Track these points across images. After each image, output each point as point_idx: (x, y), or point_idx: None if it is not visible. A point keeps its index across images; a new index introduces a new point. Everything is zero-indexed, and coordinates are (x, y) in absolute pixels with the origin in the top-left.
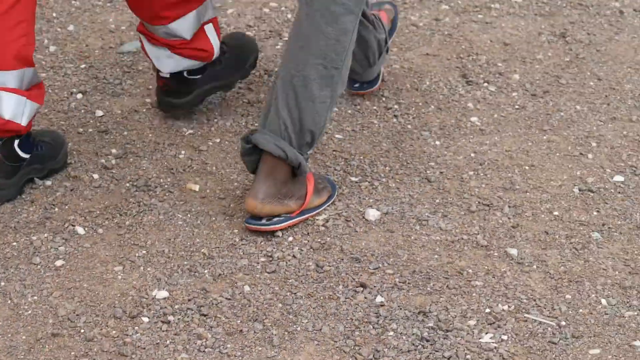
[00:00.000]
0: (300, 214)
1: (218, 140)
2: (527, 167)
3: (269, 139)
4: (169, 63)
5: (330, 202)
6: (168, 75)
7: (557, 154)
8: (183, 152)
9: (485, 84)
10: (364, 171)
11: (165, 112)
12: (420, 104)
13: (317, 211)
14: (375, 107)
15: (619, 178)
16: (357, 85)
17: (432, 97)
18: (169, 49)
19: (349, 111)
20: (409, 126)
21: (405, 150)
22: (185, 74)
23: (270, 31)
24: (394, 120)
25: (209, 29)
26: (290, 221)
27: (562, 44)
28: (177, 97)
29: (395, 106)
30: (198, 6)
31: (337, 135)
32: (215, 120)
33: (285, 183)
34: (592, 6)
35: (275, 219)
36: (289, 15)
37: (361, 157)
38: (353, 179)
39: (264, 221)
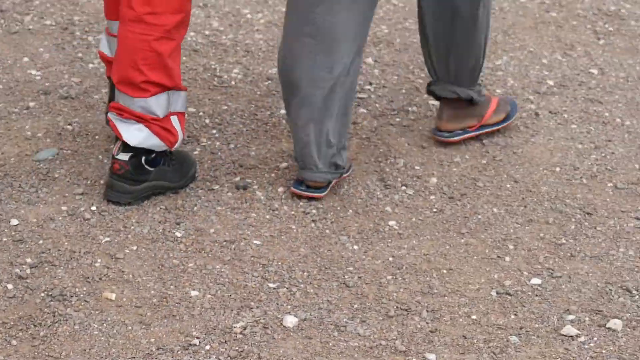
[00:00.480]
0: (478, 128)
1: (135, 247)
2: (445, 271)
3: (441, 85)
4: (138, 135)
5: (508, 122)
6: (127, 158)
7: (475, 257)
8: (99, 260)
9: (403, 188)
10: (282, 277)
11: (110, 200)
12: (338, 208)
13: (497, 127)
14: (293, 212)
15: (536, 281)
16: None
17: (351, 201)
18: (142, 122)
19: (267, 216)
20: (327, 231)
21: (324, 255)
22: (143, 160)
23: (189, 137)
24: (312, 225)
25: (174, 119)
26: (468, 134)
27: (478, 146)
28: (129, 183)
29: (314, 211)
30: (172, 87)
31: (254, 241)
32: (132, 227)
33: (463, 109)
34: None
35: (455, 132)
36: (207, 121)
37: (279, 263)
38: (271, 285)
39: (445, 134)
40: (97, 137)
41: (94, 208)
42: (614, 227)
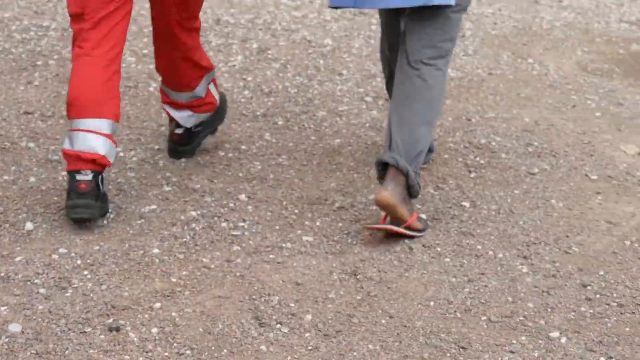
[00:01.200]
0: (407, 228)
1: None
2: None
3: (388, 154)
4: (192, 120)
5: (424, 233)
6: (182, 131)
7: None
8: None
9: (278, 326)
10: None
11: (173, 155)
12: (213, 348)
13: (418, 235)
14: (167, 354)
15: None
16: None
17: (225, 341)
18: (190, 109)
19: (140, 359)
20: None
21: None
22: (192, 128)
23: (60, 278)
24: None
25: (212, 87)
26: (399, 229)
27: (353, 282)
28: (185, 145)
29: (188, 352)
30: (207, 72)
31: None
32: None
33: (403, 189)
34: (382, 243)
35: (391, 224)
36: (79, 262)
37: None
38: None
39: (386, 225)
40: None
41: None
42: None
